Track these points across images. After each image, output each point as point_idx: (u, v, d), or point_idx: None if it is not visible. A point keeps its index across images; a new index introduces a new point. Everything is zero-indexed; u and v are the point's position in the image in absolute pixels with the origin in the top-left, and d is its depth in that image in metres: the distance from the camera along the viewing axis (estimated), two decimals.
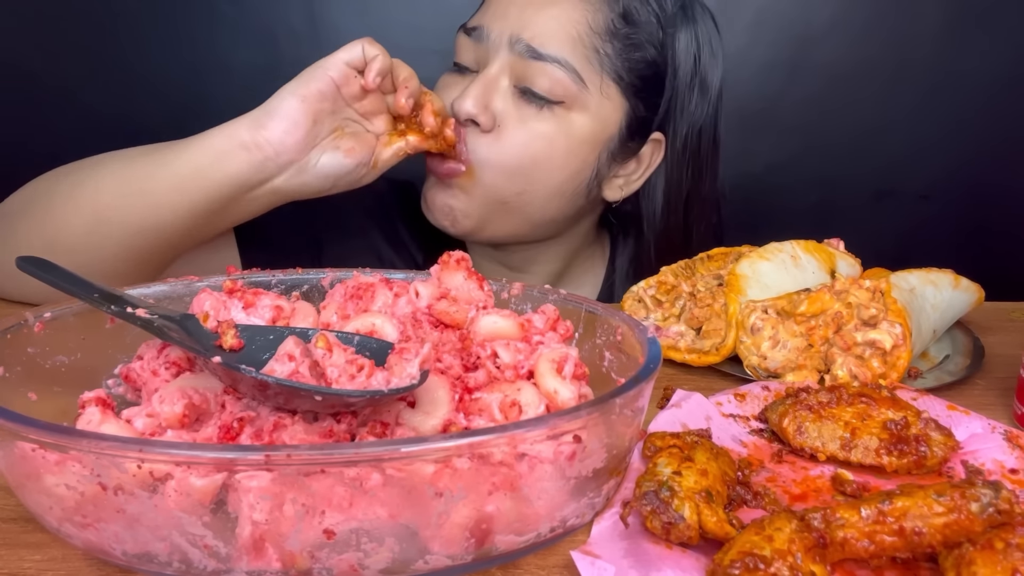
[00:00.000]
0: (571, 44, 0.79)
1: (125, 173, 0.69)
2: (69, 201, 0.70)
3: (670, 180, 0.90)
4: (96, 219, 0.69)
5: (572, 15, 0.80)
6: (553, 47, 0.78)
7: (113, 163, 0.71)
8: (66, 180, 0.72)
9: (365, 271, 0.56)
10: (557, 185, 0.83)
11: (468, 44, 0.82)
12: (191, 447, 0.36)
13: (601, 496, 0.41)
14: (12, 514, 0.42)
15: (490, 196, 0.82)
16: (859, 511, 0.36)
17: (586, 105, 0.81)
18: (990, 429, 0.52)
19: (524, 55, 0.78)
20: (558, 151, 0.81)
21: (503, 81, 0.80)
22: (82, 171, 0.72)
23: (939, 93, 1.42)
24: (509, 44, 0.79)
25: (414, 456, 0.34)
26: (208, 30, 1.35)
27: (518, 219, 0.85)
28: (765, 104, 1.42)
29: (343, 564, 0.35)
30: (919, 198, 1.48)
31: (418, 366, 0.39)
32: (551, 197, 0.84)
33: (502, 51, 0.80)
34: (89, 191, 0.69)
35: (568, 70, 0.79)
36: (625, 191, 0.90)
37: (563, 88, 0.79)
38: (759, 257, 0.70)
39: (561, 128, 0.80)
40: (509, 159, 0.80)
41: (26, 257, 0.47)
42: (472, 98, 0.78)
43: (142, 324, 0.43)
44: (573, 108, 0.80)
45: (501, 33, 0.79)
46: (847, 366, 0.60)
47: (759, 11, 1.38)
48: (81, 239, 0.69)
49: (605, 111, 0.82)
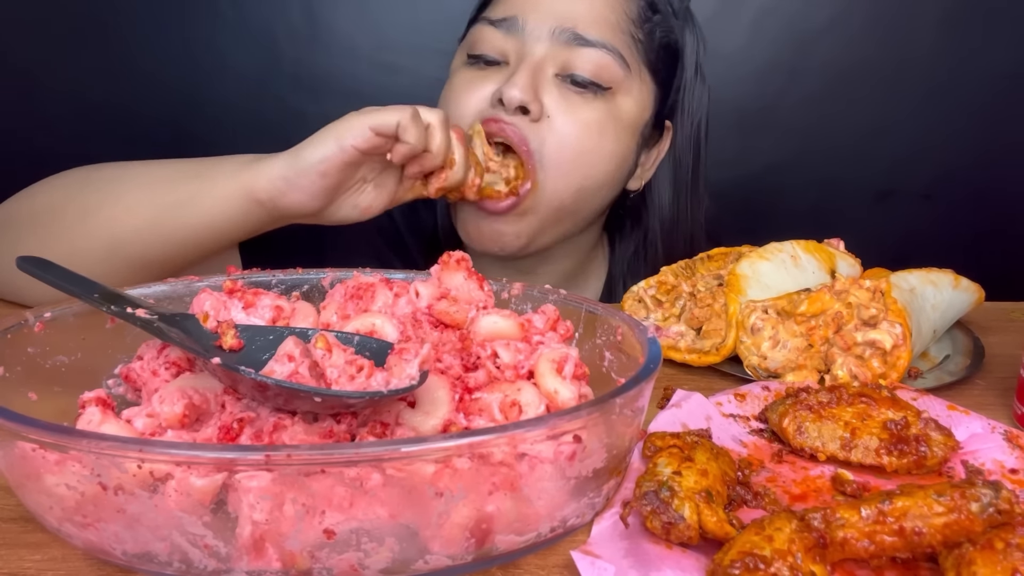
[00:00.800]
0: (611, 29, 0.80)
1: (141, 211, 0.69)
2: (82, 225, 0.69)
3: (678, 169, 0.91)
4: (112, 251, 0.69)
5: (610, 2, 0.80)
6: (596, 32, 0.79)
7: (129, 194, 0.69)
8: (79, 200, 0.70)
9: (365, 271, 0.56)
10: (608, 175, 0.83)
11: (496, 36, 0.80)
12: (191, 447, 0.36)
13: (601, 496, 0.41)
14: (12, 514, 0.42)
15: (550, 205, 0.80)
16: (859, 511, 0.36)
17: (630, 90, 0.82)
18: (990, 429, 0.52)
19: (571, 42, 0.78)
20: (608, 138, 0.81)
21: (548, 69, 0.79)
22: (93, 193, 0.70)
23: (939, 93, 1.42)
24: (551, 33, 0.78)
25: (414, 456, 0.34)
26: (208, 30, 1.35)
27: (569, 223, 0.85)
28: (765, 104, 1.42)
29: (343, 564, 0.35)
30: (919, 198, 1.48)
31: (417, 367, 0.39)
32: (602, 188, 0.84)
33: (543, 40, 0.78)
34: (104, 221, 0.69)
35: (614, 54, 0.79)
36: (643, 180, 0.91)
37: (610, 73, 0.79)
38: (759, 257, 0.70)
39: (611, 114, 0.80)
40: (565, 151, 0.79)
41: (26, 257, 0.47)
42: (520, 86, 0.76)
43: (142, 324, 0.43)
44: (619, 93, 0.81)
45: (540, 23, 0.79)
46: (847, 366, 0.60)
47: (759, 11, 1.38)
48: (97, 265, 0.68)
49: (643, 96, 0.83)
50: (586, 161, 0.80)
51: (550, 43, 0.79)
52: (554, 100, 0.78)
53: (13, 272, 0.66)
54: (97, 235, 0.69)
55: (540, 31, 0.79)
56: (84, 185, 0.71)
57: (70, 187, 0.72)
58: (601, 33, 0.79)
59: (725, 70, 1.37)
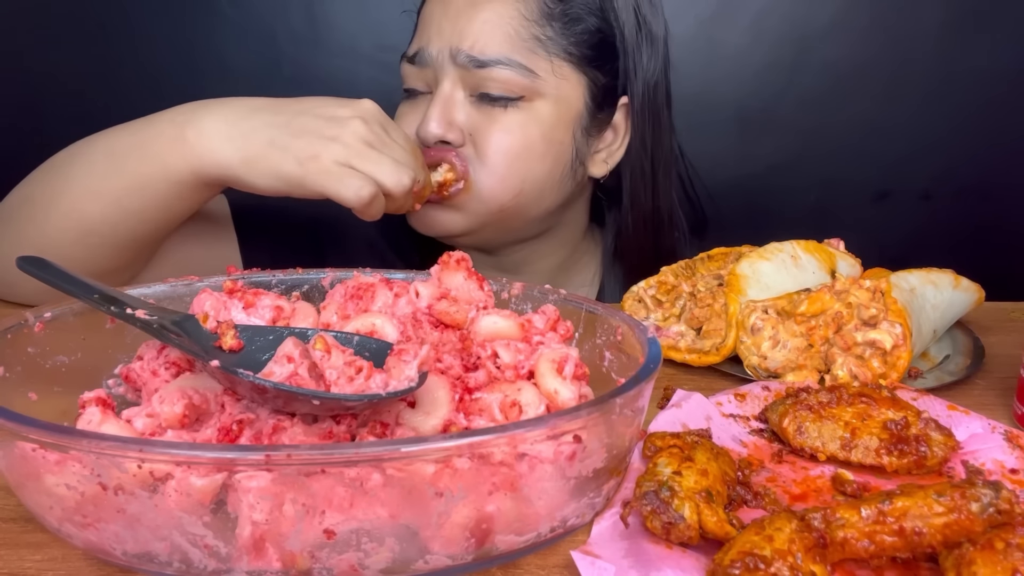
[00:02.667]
0: (509, 41, 0.79)
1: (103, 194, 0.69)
2: (52, 212, 0.70)
3: (633, 140, 0.89)
4: (83, 234, 0.69)
5: (503, 12, 0.80)
6: (493, 50, 0.79)
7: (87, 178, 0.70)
8: (47, 188, 0.71)
9: (365, 271, 0.56)
10: (545, 175, 0.84)
11: (413, 71, 0.83)
12: (191, 447, 0.36)
13: (601, 496, 0.41)
14: (12, 514, 0.42)
15: (488, 206, 0.82)
16: (859, 511, 0.36)
17: (544, 92, 0.81)
18: (990, 429, 0.52)
19: (469, 65, 0.79)
20: (535, 141, 0.81)
21: (458, 94, 0.81)
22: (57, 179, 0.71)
23: (939, 93, 1.42)
24: (452, 59, 0.80)
25: (414, 456, 0.34)
26: (208, 30, 1.35)
27: (518, 221, 0.86)
28: (765, 104, 1.42)
29: (343, 564, 0.35)
30: (920, 198, 1.48)
31: (416, 368, 0.39)
32: (543, 190, 0.84)
33: (447, 67, 0.80)
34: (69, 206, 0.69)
35: (514, 67, 0.79)
36: (610, 163, 0.90)
37: (516, 84, 0.80)
38: (759, 257, 0.70)
39: (530, 119, 0.81)
40: (497, 163, 0.80)
41: (26, 257, 0.47)
42: (435, 120, 0.79)
43: (141, 325, 0.43)
44: (534, 99, 0.81)
45: (441, 50, 0.80)
46: (847, 366, 0.60)
47: (759, 11, 1.38)
48: (72, 249, 0.69)
49: (564, 91, 0.83)
50: (520, 165, 0.81)
51: (454, 68, 0.80)
52: (472, 120, 0.81)
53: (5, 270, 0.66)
54: (66, 221, 0.69)
55: (442, 58, 0.81)
56: (49, 171, 0.72)
57: (42, 175, 0.73)
58: (498, 49, 0.79)
59: (725, 70, 1.37)
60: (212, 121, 0.67)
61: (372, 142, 0.68)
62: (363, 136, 0.67)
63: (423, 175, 0.73)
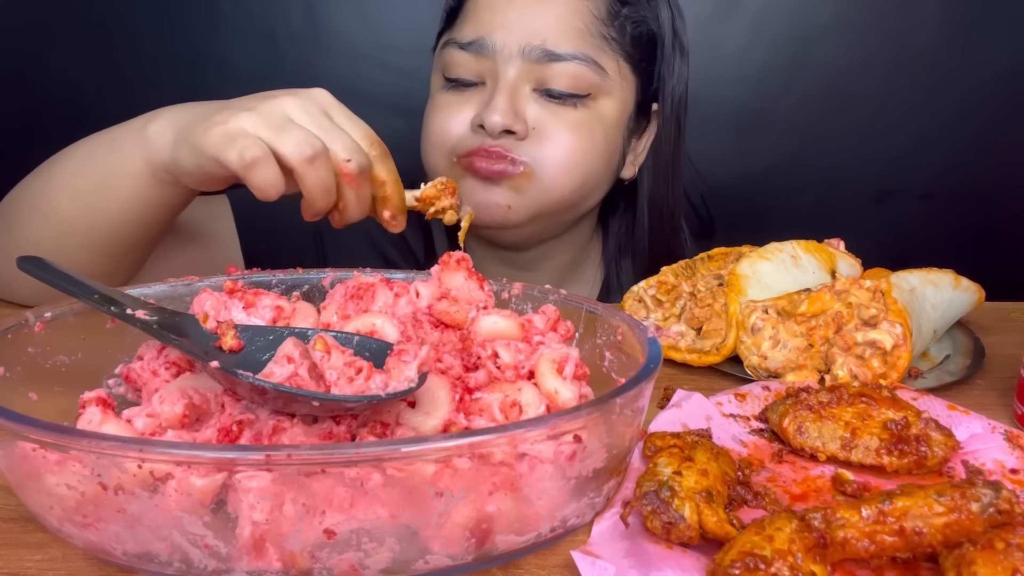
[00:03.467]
0: (581, 37, 0.80)
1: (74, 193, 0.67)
2: (34, 213, 0.69)
3: (659, 143, 0.90)
4: (62, 234, 0.68)
5: (575, 7, 0.80)
6: (566, 44, 0.79)
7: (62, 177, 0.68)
8: (29, 188, 0.71)
9: (365, 271, 0.56)
10: (601, 173, 0.85)
11: (467, 58, 0.81)
12: (191, 447, 0.36)
13: (601, 496, 0.41)
14: (12, 514, 0.42)
15: (550, 198, 0.82)
16: (859, 511, 0.36)
17: (610, 91, 0.82)
18: (990, 429, 0.52)
19: (542, 59, 0.78)
20: (598, 140, 0.82)
21: (524, 87, 0.80)
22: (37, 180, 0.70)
23: (939, 92, 1.42)
24: (521, 52, 0.79)
25: (414, 456, 0.34)
26: (208, 30, 1.35)
27: (568, 214, 0.87)
28: (765, 104, 1.42)
29: (343, 564, 0.35)
30: (919, 198, 1.48)
31: (416, 369, 0.39)
32: (595, 188, 0.86)
33: (514, 59, 0.79)
34: (47, 207, 0.68)
35: (587, 63, 0.80)
36: (636, 165, 0.92)
37: (586, 81, 0.80)
38: (759, 257, 0.70)
39: (594, 117, 0.82)
40: (562, 158, 0.80)
41: (26, 257, 0.47)
42: (501, 110, 0.78)
43: (141, 326, 0.43)
44: (599, 97, 0.82)
45: (508, 42, 0.79)
46: (847, 366, 0.60)
47: (759, 11, 1.38)
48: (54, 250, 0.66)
49: (624, 92, 0.84)
50: (581, 160, 0.82)
51: (522, 61, 0.79)
52: (536, 114, 0.80)
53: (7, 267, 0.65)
54: (46, 222, 0.68)
55: (510, 50, 0.79)
56: (38, 174, 0.71)
57: (32, 178, 0.72)
58: (571, 44, 0.79)
59: (725, 70, 1.37)
60: (171, 114, 0.64)
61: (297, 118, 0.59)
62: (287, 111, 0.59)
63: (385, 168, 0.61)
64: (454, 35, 0.83)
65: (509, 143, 0.79)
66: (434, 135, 0.84)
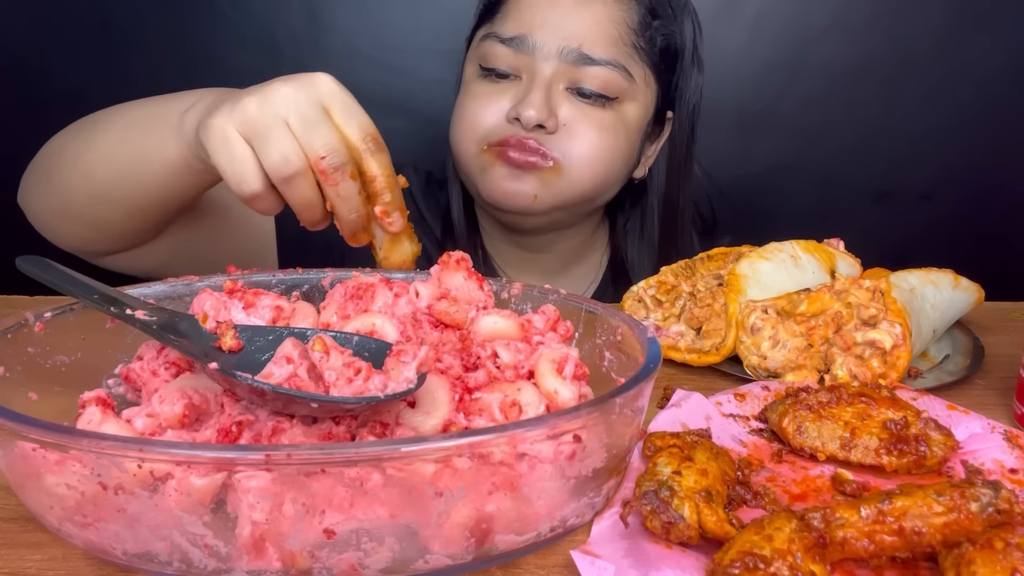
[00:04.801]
0: (615, 44, 0.85)
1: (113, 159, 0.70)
2: (72, 171, 0.72)
3: (674, 151, 0.96)
4: (96, 196, 0.71)
5: (612, 15, 0.85)
6: (601, 50, 0.84)
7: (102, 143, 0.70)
8: (70, 146, 0.73)
9: (365, 271, 0.56)
10: (620, 172, 0.90)
11: (506, 53, 0.85)
12: (191, 447, 0.36)
13: (601, 496, 0.41)
14: (12, 514, 0.42)
15: (573, 190, 0.86)
16: (859, 511, 0.36)
17: (635, 97, 0.88)
18: (990, 429, 0.52)
19: (578, 61, 0.83)
20: (621, 141, 0.88)
21: (558, 85, 0.85)
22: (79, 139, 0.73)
23: (940, 93, 1.42)
24: (559, 52, 0.83)
25: (414, 456, 0.34)
26: (208, 30, 1.35)
27: (584, 207, 0.91)
28: (765, 104, 1.42)
29: (343, 564, 0.35)
30: (919, 198, 1.48)
31: (415, 369, 0.39)
32: (613, 185, 0.91)
33: (552, 59, 0.84)
34: (85, 168, 0.71)
35: (619, 69, 0.85)
36: (646, 168, 0.97)
37: (616, 86, 0.85)
38: (759, 257, 0.70)
39: (619, 120, 0.87)
40: (588, 155, 0.85)
41: (26, 257, 0.47)
42: (536, 106, 0.82)
43: (141, 326, 0.43)
44: (625, 101, 0.87)
45: (547, 42, 0.84)
46: (847, 366, 0.60)
47: (759, 11, 1.38)
48: (87, 208, 0.72)
49: (647, 99, 0.90)
50: (605, 158, 0.86)
51: (558, 61, 0.84)
52: (567, 111, 0.85)
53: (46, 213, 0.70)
54: (83, 181, 0.71)
55: (548, 49, 0.84)
56: (80, 131, 0.74)
57: (75, 133, 0.74)
58: (606, 50, 0.84)
59: (725, 70, 1.37)
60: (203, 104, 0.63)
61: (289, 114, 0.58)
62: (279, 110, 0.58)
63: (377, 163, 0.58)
64: (495, 28, 0.87)
65: (540, 136, 0.84)
66: (468, 121, 0.88)
